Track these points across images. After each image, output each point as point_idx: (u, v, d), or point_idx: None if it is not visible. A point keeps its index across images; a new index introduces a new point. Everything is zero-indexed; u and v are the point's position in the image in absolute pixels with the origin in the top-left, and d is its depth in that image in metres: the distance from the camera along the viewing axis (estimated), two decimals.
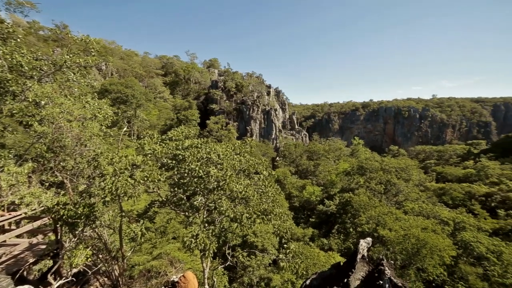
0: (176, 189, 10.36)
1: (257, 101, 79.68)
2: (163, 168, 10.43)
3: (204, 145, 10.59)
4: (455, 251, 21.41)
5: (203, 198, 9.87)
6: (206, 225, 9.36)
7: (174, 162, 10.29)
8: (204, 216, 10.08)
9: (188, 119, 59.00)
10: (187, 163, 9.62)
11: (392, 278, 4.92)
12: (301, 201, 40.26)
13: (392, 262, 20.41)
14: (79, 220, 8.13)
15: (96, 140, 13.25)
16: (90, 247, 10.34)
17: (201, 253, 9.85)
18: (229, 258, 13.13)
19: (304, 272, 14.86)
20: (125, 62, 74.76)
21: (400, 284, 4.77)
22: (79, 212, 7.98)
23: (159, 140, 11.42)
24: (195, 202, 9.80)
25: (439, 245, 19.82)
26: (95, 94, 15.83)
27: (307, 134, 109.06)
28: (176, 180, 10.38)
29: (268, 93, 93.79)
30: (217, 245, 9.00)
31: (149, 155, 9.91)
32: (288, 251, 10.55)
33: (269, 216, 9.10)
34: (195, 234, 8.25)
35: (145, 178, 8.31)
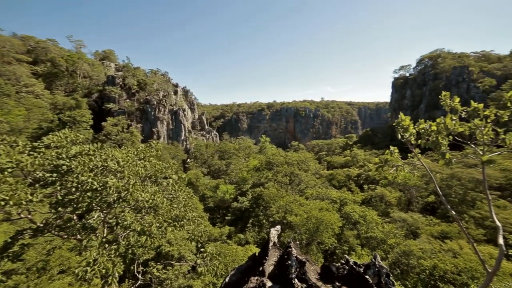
0: (60, 208, 8.12)
1: (164, 100, 73.80)
2: (38, 185, 7.97)
3: (99, 151, 8.79)
4: (341, 222, 26.83)
5: (101, 214, 8.20)
6: (107, 245, 7.83)
7: (55, 175, 8.03)
8: (104, 236, 8.40)
9: (76, 121, 47.66)
10: (76, 175, 7.73)
11: (298, 256, 5.56)
12: (215, 201, 40.30)
13: (298, 242, 23.50)
14: None
15: None
16: None
17: (103, 281, 8.16)
18: (140, 277, 11.56)
19: (224, 272, 14.96)
20: None
21: (304, 260, 5.44)
22: None
23: (29, 148, 8.64)
24: (90, 221, 8.00)
25: (331, 220, 24.18)
26: None
27: (218, 134, 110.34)
28: (61, 198, 8.14)
29: (176, 93, 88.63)
30: (123, 265, 7.70)
31: (9, 170, 7.32)
32: (205, 254, 10.32)
33: (182, 222, 8.57)
34: (91, 260, 6.73)
35: (2, 202, 6.08)
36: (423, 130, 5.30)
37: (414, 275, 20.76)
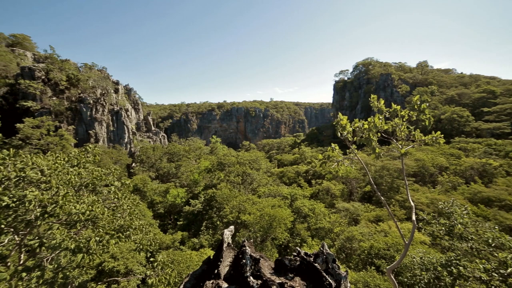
0: None
1: (102, 99, 65.82)
2: None
3: (11, 159, 7.24)
4: (292, 217, 28.27)
5: (15, 237, 6.78)
6: (25, 274, 6.47)
7: None
8: (20, 263, 6.97)
9: None
10: None
11: (252, 254, 5.66)
12: (166, 206, 37.99)
13: (253, 240, 23.87)
14: None
15: None
16: None
17: None
18: None
19: (178, 280, 14.19)
20: None
21: (258, 257, 5.56)
22: None
23: None
24: None
25: (283, 215, 25.22)
26: None
27: (166, 135, 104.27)
28: None
29: (117, 91, 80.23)
30: None
31: None
32: (156, 264, 9.58)
33: (128, 232, 7.75)
34: None
35: None
36: (357, 128, 6.00)
37: (356, 256, 23.37)
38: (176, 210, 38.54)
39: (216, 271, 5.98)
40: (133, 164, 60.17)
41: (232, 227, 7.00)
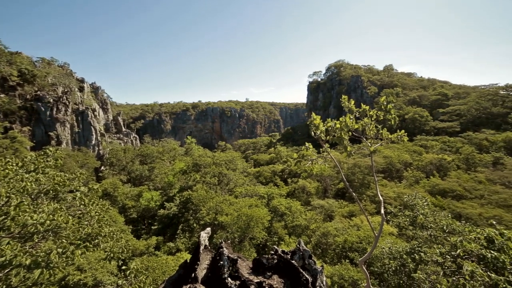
0: None
1: (65, 98, 60.81)
2: None
3: None
4: (270, 216, 28.56)
5: None
6: None
7: None
8: None
9: None
10: None
11: (230, 255, 5.60)
12: (139, 210, 36.24)
13: (230, 241, 23.68)
14: None
15: None
16: None
17: None
18: None
19: (154, 287, 13.60)
20: None
21: (235, 258, 5.52)
22: None
23: None
24: None
25: (260, 215, 25.31)
26: None
27: (138, 137, 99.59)
28: None
29: (82, 89, 74.73)
30: None
31: None
32: (128, 272, 9.05)
33: (96, 241, 7.21)
34: None
35: None
36: (330, 128, 6.23)
37: (331, 251, 24.29)
38: (150, 214, 36.95)
39: (193, 274, 5.83)
40: (102, 168, 56.42)
41: (208, 229, 6.87)
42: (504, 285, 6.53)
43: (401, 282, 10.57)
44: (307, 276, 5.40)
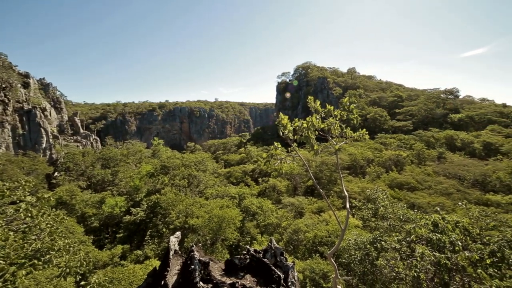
0: None
1: (2, 95, 53.60)
2: None
3: None
4: (241, 216, 28.54)
5: None
6: None
7: None
8: None
9: None
10: None
11: (201, 258, 5.48)
12: (101, 218, 33.55)
13: (202, 244, 23.16)
14: None
15: None
16: None
17: None
18: None
19: None
20: None
21: (207, 260, 5.42)
22: None
23: None
24: None
25: (232, 215, 25.16)
26: None
27: (98, 139, 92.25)
28: None
29: (27, 86, 66.84)
30: None
31: None
32: (88, 287, 8.29)
33: (48, 256, 6.42)
34: None
35: None
36: (297, 127, 6.44)
37: (302, 247, 25.09)
38: (114, 221, 34.44)
39: (162, 282, 5.59)
40: (56, 174, 50.99)
41: (178, 233, 6.64)
42: (444, 261, 7.60)
43: (366, 269, 11.34)
44: (279, 273, 5.51)
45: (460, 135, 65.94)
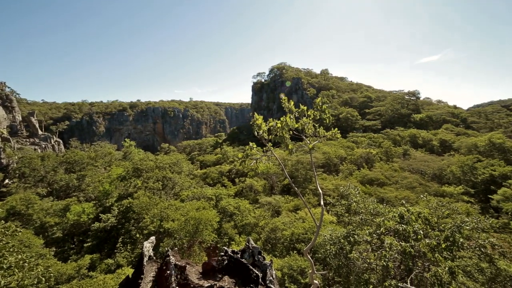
0: None
1: None
2: None
3: None
4: (219, 217, 28.22)
5: None
6: None
7: None
8: None
9: None
10: None
11: (177, 263, 5.35)
12: (65, 227, 30.96)
13: (178, 248, 22.50)
14: None
15: None
16: None
17: None
18: None
19: None
20: None
21: (183, 264, 5.30)
22: None
23: None
24: None
25: (209, 217, 24.74)
26: None
27: (61, 141, 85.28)
28: None
29: None
30: None
31: None
32: None
33: None
34: None
35: None
36: (272, 127, 6.55)
37: (280, 245, 25.46)
38: (81, 230, 32.03)
39: None
40: (7, 181, 45.99)
41: (153, 238, 6.39)
42: (409, 249, 8.38)
43: (340, 263, 11.87)
44: (257, 272, 5.55)
45: (421, 134, 72.21)
